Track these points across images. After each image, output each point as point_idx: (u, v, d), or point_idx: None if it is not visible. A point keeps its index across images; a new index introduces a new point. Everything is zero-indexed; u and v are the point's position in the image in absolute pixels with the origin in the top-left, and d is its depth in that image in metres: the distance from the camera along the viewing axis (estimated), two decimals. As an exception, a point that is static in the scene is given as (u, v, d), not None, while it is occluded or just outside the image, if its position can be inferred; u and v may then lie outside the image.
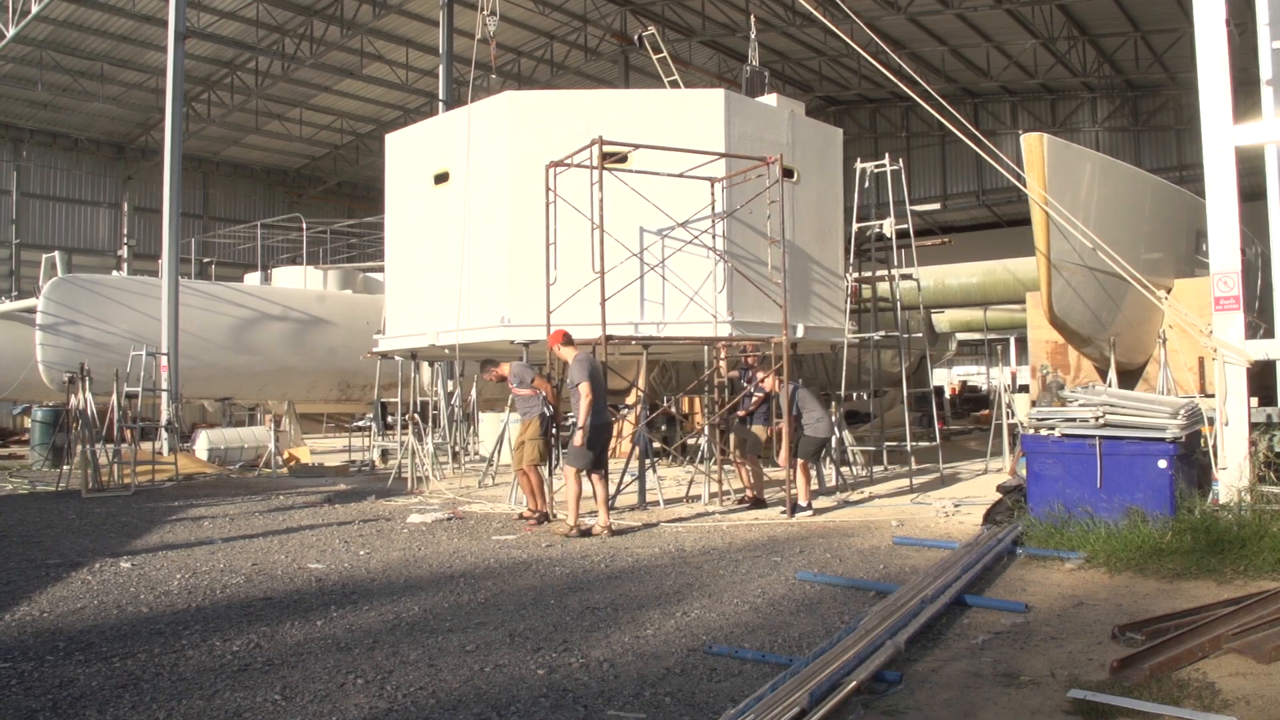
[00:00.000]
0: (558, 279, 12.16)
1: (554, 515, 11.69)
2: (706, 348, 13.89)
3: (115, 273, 32.22)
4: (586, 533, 10.62)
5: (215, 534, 11.20)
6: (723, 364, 13.05)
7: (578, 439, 10.55)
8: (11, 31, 29.39)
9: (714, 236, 13.17)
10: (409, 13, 31.47)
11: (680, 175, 12.86)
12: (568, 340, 11.26)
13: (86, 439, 16.13)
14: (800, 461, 12.07)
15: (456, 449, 19.47)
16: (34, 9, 28.39)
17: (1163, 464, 8.89)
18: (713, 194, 13.12)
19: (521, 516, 11.87)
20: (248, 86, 35.82)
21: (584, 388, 10.54)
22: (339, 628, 6.80)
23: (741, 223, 13.46)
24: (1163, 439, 8.97)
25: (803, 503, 12.01)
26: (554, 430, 11.88)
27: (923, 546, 9.66)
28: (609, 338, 11.98)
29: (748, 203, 13.14)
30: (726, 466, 13.68)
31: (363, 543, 10.46)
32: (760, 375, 12.39)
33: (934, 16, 31.70)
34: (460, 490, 15.21)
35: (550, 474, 12.02)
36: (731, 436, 12.96)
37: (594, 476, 10.80)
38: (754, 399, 12.53)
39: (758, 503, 12.67)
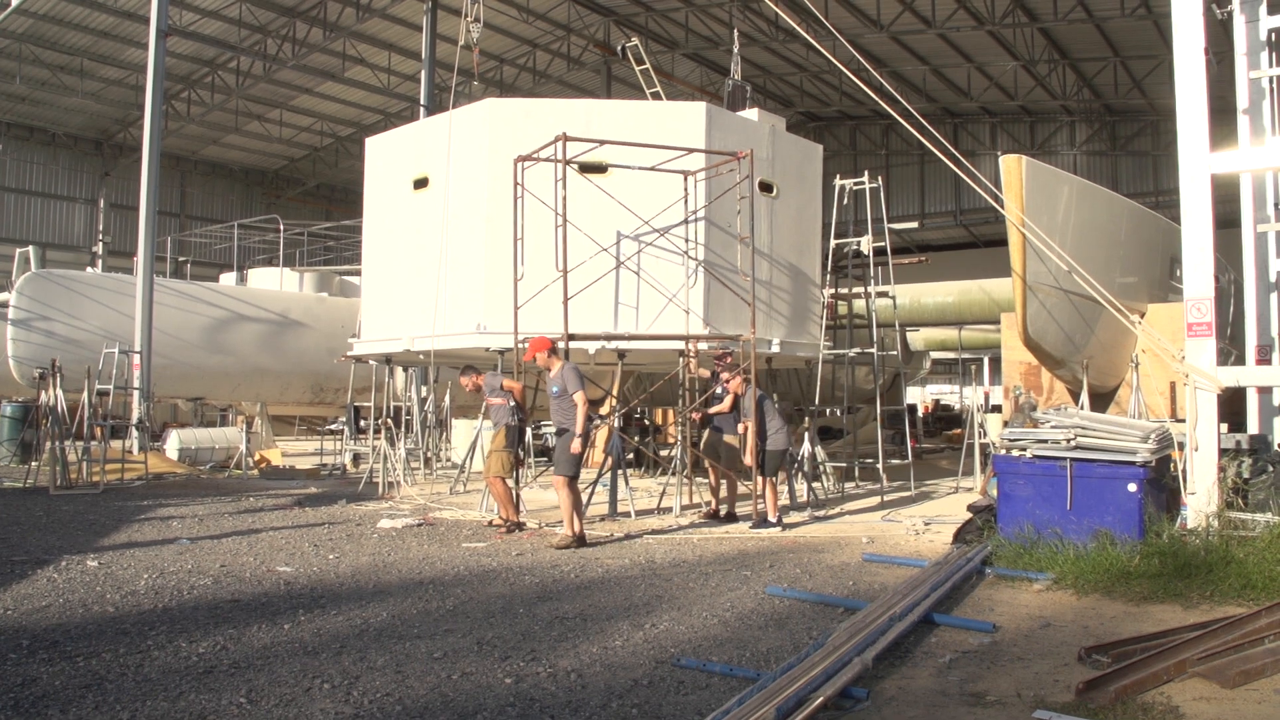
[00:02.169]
0: (525, 276, 12.21)
1: (523, 525, 11.72)
2: (681, 360, 13.88)
3: (90, 269, 31.99)
4: (582, 541, 10.56)
5: (184, 534, 11.11)
6: (693, 361, 12.97)
7: (576, 445, 10.51)
8: (-9, 24, 29.18)
9: (687, 241, 13.14)
10: (392, 17, 31.42)
11: (653, 169, 12.85)
12: (554, 350, 11.22)
13: (56, 435, 16.00)
14: (769, 477, 12.04)
15: (429, 455, 19.40)
16: (13, 2, 28.18)
17: (1132, 487, 8.95)
18: (685, 189, 13.08)
19: (491, 524, 11.83)
20: (228, 86, 35.64)
21: (580, 396, 10.54)
22: (306, 632, 6.76)
23: (717, 227, 13.48)
24: (1133, 462, 9.04)
25: (771, 517, 11.97)
26: (522, 439, 11.86)
27: (892, 564, 9.69)
28: (571, 336, 11.96)
29: (718, 197, 13.07)
30: (699, 479, 13.67)
31: (332, 547, 10.40)
32: (725, 376, 12.30)
33: (916, 36, 31.94)
34: (431, 496, 15.15)
35: (517, 484, 12.01)
36: (703, 442, 12.90)
37: (557, 480, 10.71)
38: (724, 402, 12.42)
39: (729, 517, 12.58)
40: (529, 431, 13.32)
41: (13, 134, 38.29)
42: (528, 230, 12.38)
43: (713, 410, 12.61)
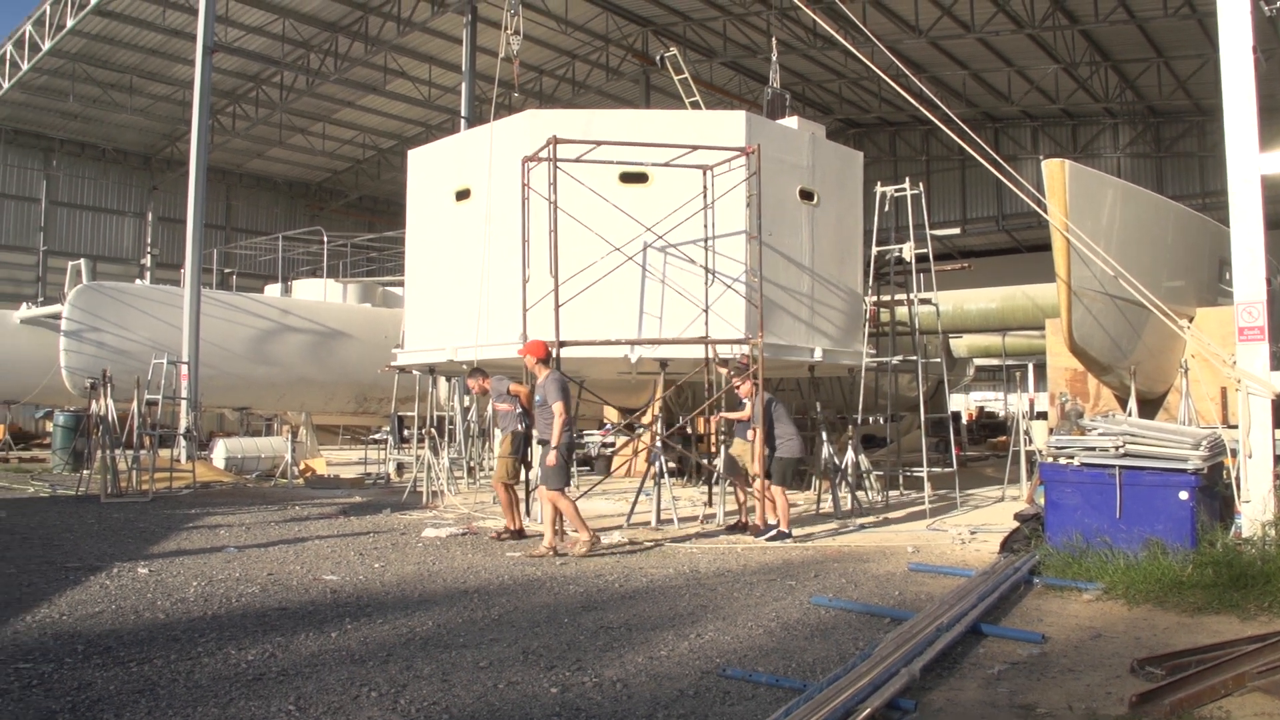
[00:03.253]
0: (560, 283, 12.29)
1: (524, 533, 11.81)
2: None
3: (138, 281, 32.46)
4: (590, 545, 10.54)
5: (231, 543, 11.24)
6: (721, 368, 12.85)
7: (552, 458, 10.49)
8: (47, 45, 29.82)
9: (706, 247, 13.05)
10: (433, 30, 31.66)
11: (666, 165, 12.80)
12: (546, 356, 11.21)
13: (107, 445, 16.26)
14: (780, 486, 11.82)
15: (472, 464, 19.48)
16: (69, 23, 28.78)
17: (1184, 495, 8.80)
18: (705, 182, 12.99)
19: (497, 535, 11.84)
20: (272, 100, 36.12)
21: (558, 407, 10.52)
22: (353, 640, 6.81)
23: (756, 238, 13.43)
24: (1184, 470, 8.89)
25: (782, 526, 11.71)
26: (528, 444, 11.87)
27: (938, 573, 9.60)
28: (562, 343, 11.97)
29: (727, 192, 12.88)
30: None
31: (377, 555, 10.48)
32: (736, 381, 12.19)
33: (955, 40, 31.74)
34: (475, 505, 15.22)
35: (528, 492, 12.05)
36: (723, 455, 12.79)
37: (551, 494, 10.66)
38: (745, 409, 12.19)
39: (740, 527, 12.35)
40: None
41: (65, 151, 39.11)
42: (569, 237, 12.42)
43: (732, 416, 12.54)
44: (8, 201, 38.06)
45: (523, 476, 12.44)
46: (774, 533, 11.69)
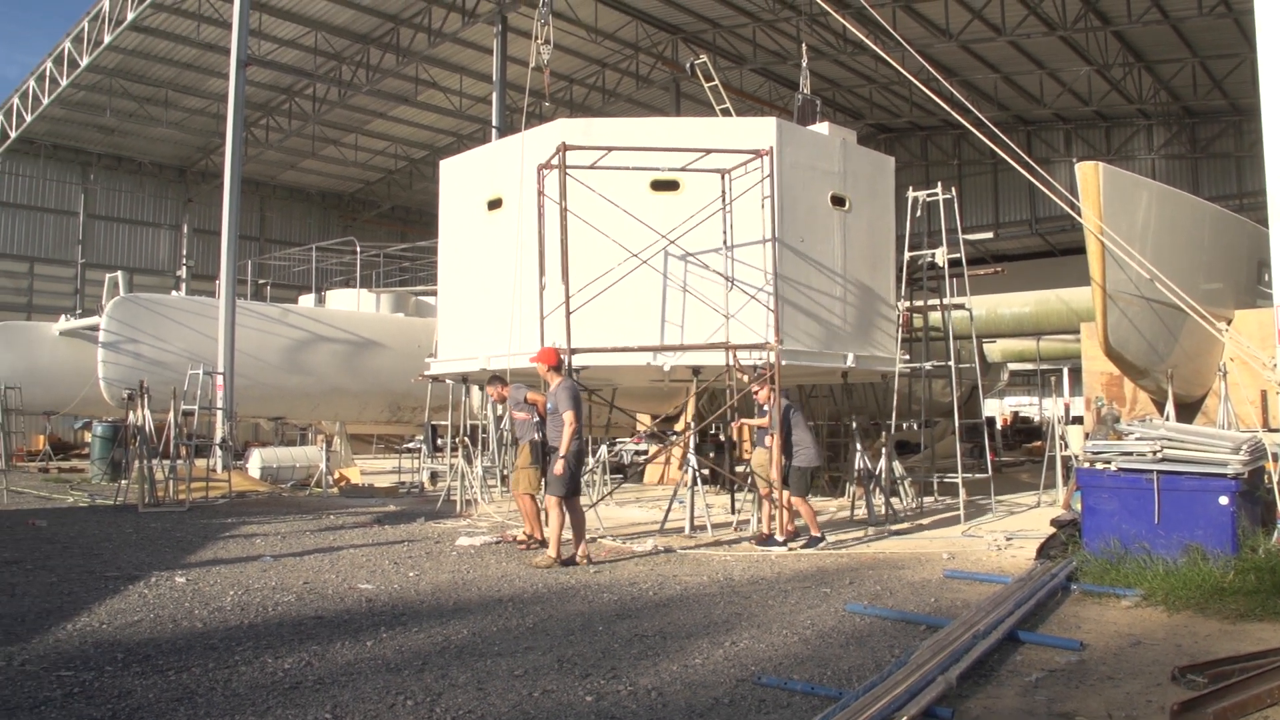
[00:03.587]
0: (587, 289, 12.37)
1: (547, 542, 11.71)
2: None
3: (174, 292, 32.82)
4: (570, 561, 10.48)
5: (267, 551, 11.32)
6: (743, 374, 12.78)
7: (559, 467, 10.46)
8: (85, 61, 30.26)
9: (725, 254, 13.01)
10: (463, 41, 31.83)
11: (683, 169, 12.79)
12: (557, 363, 11.23)
13: (144, 455, 16.43)
14: (787, 495, 11.69)
15: (505, 473, 19.51)
16: (106, 39, 29.20)
17: (1224, 500, 8.69)
18: (723, 185, 12.94)
19: (515, 540, 11.88)
20: (305, 112, 36.42)
21: (569, 416, 10.51)
22: (388, 648, 6.85)
23: (786, 246, 13.41)
24: (1224, 475, 8.79)
25: (814, 532, 11.64)
26: (546, 454, 11.86)
27: (974, 580, 9.54)
28: (573, 350, 12.01)
29: (744, 193, 12.91)
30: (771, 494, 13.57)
31: (412, 564, 10.52)
32: (755, 388, 12.10)
33: (986, 44, 31.54)
34: (509, 514, 15.24)
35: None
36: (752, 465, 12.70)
37: (565, 503, 10.64)
38: (765, 415, 12.10)
39: (767, 539, 12.05)
40: (604, 448, 13.35)
41: (102, 164, 39.65)
42: (591, 244, 12.48)
43: (752, 423, 12.48)
44: (47, 215, 38.62)
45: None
46: (805, 540, 11.64)
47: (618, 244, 12.53)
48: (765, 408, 12.06)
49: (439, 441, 22.91)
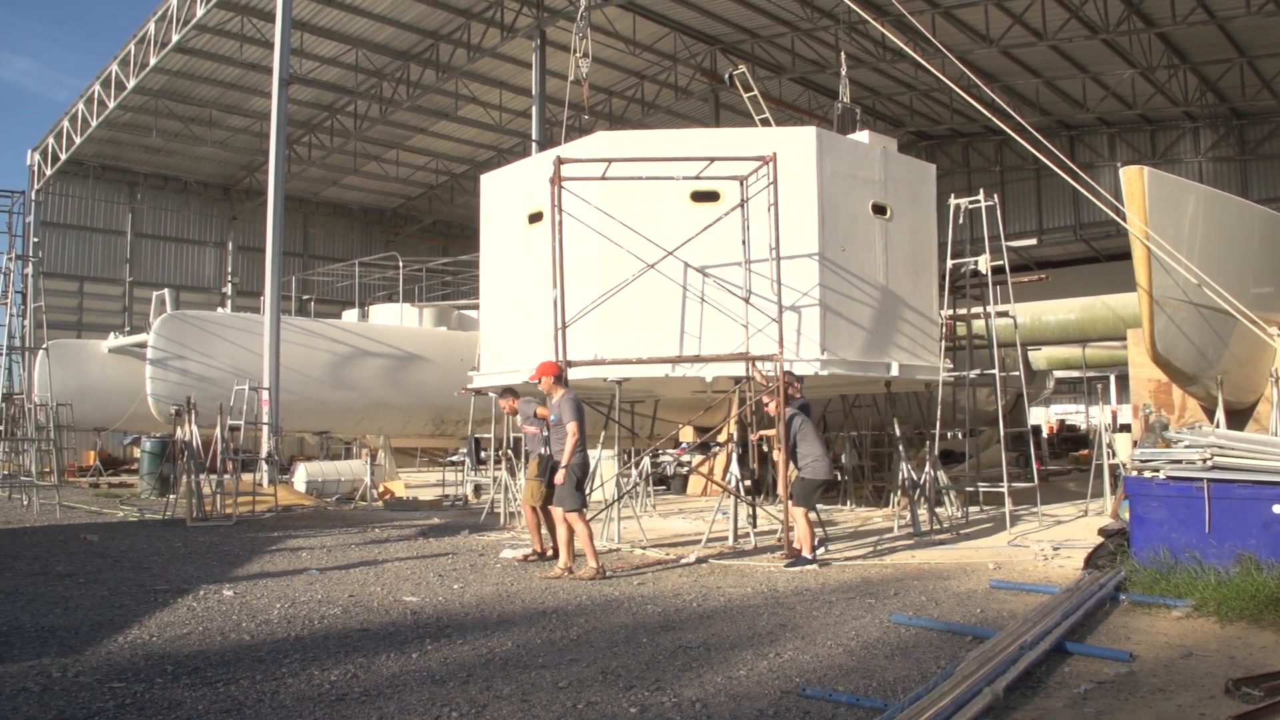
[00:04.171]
0: (621, 298, 12.44)
1: (546, 554, 11.76)
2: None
3: (220, 309, 33.23)
4: (568, 571, 10.50)
5: (313, 565, 11.42)
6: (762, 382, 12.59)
7: (561, 476, 10.49)
8: (132, 83, 30.80)
9: (745, 268, 12.96)
10: (503, 56, 32.08)
11: (697, 177, 12.76)
12: (560, 376, 11.22)
13: (191, 470, 16.63)
14: (802, 508, 11.32)
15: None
16: (152, 61, 29.71)
17: (1278, 509, 8.54)
18: (743, 192, 12.90)
19: (525, 558, 11.81)
20: (347, 129, 36.85)
21: (572, 427, 10.53)
22: (434, 660, 6.88)
23: (827, 261, 13.36)
24: (1278, 482, 8.63)
25: (805, 552, 11.23)
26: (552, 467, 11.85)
27: (1021, 590, 9.44)
28: (569, 363, 12.00)
29: (753, 197, 12.83)
30: (822, 506, 13.49)
31: (456, 577, 10.57)
32: (765, 399, 11.90)
33: (1027, 49, 31.28)
34: (551, 526, 15.27)
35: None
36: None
37: (569, 515, 10.61)
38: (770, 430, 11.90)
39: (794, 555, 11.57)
40: (647, 459, 13.32)
41: (149, 184, 40.34)
42: (620, 254, 12.59)
43: (768, 434, 12.25)
44: (96, 235, 39.36)
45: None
46: (809, 560, 11.18)
47: (635, 255, 12.56)
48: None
49: (482, 454, 23.01)
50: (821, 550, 11.67)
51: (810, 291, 13.06)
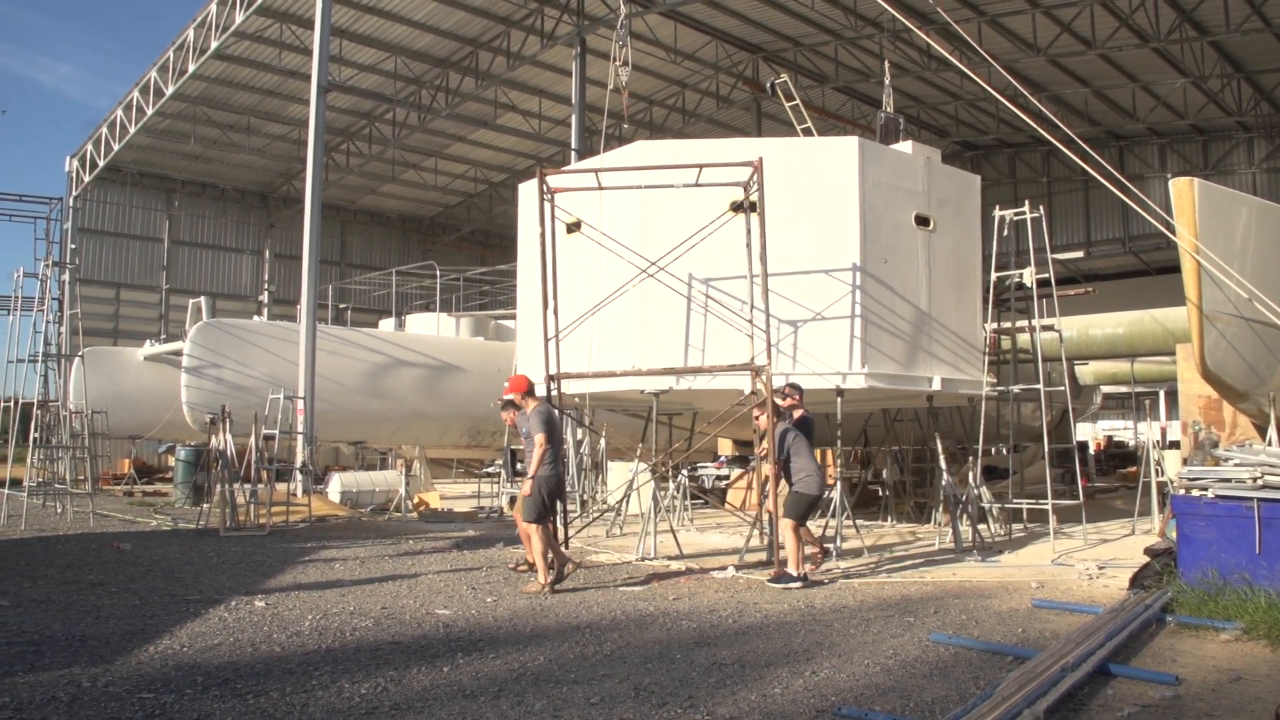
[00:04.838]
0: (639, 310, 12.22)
1: (534, 567, 11.55)
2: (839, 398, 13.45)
3: (256, 317, 33.46)
4: (559, 580, 10.45)
5: (346, 576, 11.38)
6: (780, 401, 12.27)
7: (527, 488, 10.42)
8: (171, 89, 31.12)
9: (750, 279, 12.79)
10: (542, 63, 32.10)
11: (697, 185, 12.60)
12: (530, 390, 11.13)
13: (225, 479, 16.65)
14: (790, 522, 10.86)
15: (584, 497, 19.46)
16: (191, 67, 30.00)
17: (1332, 530, 8.28)
18: (746, 198, 12.70)
19: (515, 568, 11.77)
20: (385, 137, 37.03)
21: (540, 438, 10.45)
22: (465, 674, 6.79)
23: (868, 274, 13.18)
24: (1332, 503, 8.38)
25: (792, 570, 10.76)
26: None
27: (1064, 610, 9.22)
28: (551, 376, 12.10)
29: (757, 198, 12.66)
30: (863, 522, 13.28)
31: (490, 590, 10.48)
32: (756, 412, 11.51)
33: (1076, 58, 30.88)
34: (587, 539, 15.16)
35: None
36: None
37: (527, 526, 10.50)
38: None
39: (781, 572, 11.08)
40: (684, 472, 13.16)
41: (186, 191, 40.67)
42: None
43: (760, 450, 11.94)
44: (133, 242, 39.64)
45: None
46: (794, 576, 10.74)
47: (632, 264, 12.55)
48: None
49: (518, 466, 22.96)
50: (810, 566, 11.31)
51: (847, 302, 12.88)
